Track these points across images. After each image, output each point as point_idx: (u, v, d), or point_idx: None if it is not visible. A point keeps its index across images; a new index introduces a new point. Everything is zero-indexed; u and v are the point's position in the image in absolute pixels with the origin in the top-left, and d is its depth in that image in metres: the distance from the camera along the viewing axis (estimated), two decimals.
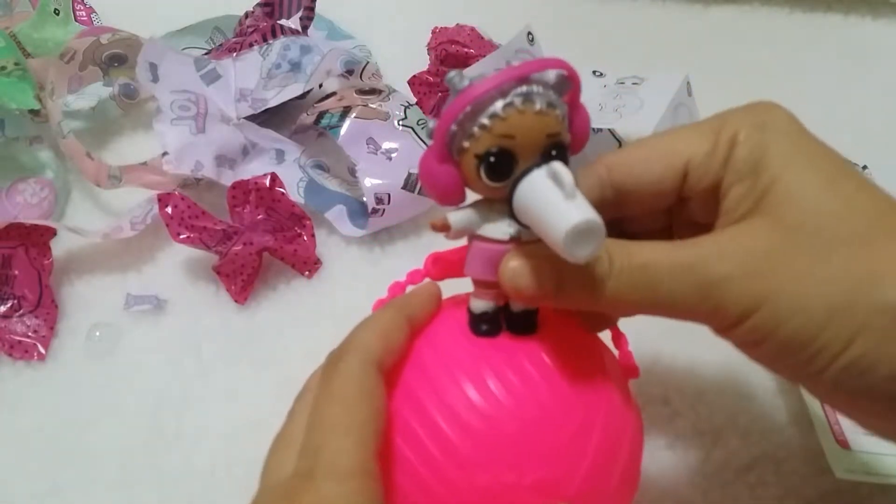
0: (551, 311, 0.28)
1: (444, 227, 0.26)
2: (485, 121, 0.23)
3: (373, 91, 0.50)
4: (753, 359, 0.25)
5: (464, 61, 0.50)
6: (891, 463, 0.35)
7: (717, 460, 0.37)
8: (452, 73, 0.24)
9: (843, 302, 0.23)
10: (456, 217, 0.26)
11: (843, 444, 0.35)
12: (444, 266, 0.30)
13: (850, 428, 0.36)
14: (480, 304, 0.27)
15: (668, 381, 0.39)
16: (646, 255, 0.24)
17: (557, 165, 0.23)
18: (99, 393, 0.41)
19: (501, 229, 0.25)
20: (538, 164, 0.24)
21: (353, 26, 0.60)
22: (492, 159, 0.24)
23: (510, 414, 0.26)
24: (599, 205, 0.26)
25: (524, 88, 0.24)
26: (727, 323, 0.24)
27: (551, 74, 0.24)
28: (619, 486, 0.28)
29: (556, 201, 0.23)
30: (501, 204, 0.25)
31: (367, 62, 0.53)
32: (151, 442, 0.39)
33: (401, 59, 0.56)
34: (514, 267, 0.25)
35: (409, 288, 0.30)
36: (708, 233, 0.26)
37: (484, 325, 0.27)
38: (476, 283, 0.27)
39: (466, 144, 0.24)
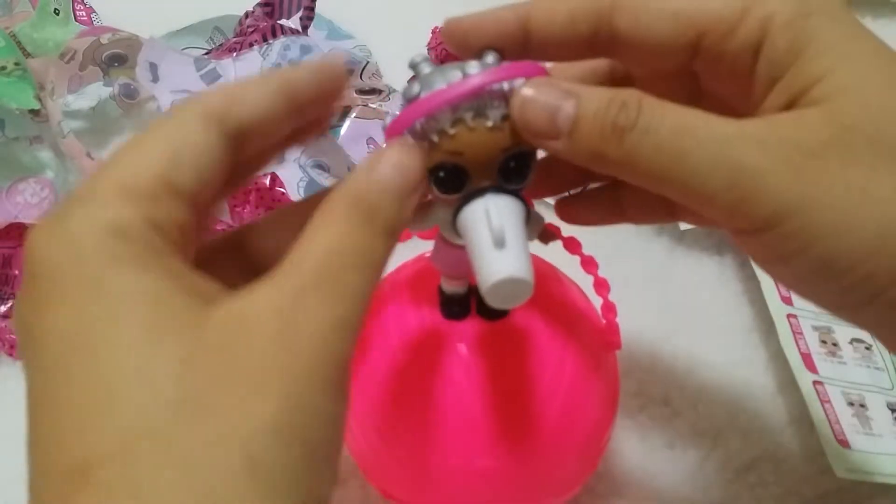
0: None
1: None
2: (433, 137, 0.22)
3: (373, 91, 0.50)
4: (777, 277, 0.22)
5: None
6: (891, 463, 0.35)
7: (717, 460, 0.37)
8: (418, 60, 0.23)
9: None
10: (418, 216, 0.25)
11: (844, 443, 0.35)
12: None
13: (850, 427, 0.36)
14: (451, 286, 0.27)
15: (668, 381, 0.39)
16: (681, 119, 0.20)
17: (491, 204, 0.22)
18: None
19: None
20: (485, 189, 0.22)
21: (353, 26, 0.59)
22: (441, 174, 0.23)
23: (467, 400, 0.27)
24: (588, 41, 0.23)
25: (476, 103, 0.22)
26: (751, 224, 0.20)
27: (506, 86, 0.22)
28: (577, 462, 0.29)
29: (485, 246, 0.21)
30: None
31: (367, 62, 0.53)
32: None
33: (401, 59, 0.56)
34: (527, 97, 0.21)
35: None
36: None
37: (453, 307, 0.28)
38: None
39: None
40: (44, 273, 0.18)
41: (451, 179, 0.23)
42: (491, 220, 0.21)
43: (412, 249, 0.31)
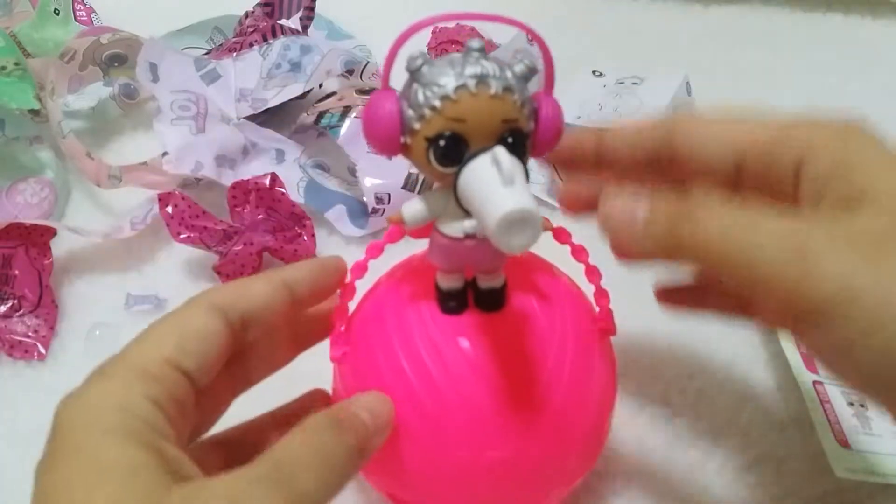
0: (518, 284, 0.29)
1: (400, 221, 0.26)
2: (436, 102, 0.23)
3: (373, 91, 0.50)
4: (841, 373, 0.22)
5: None
6: (891, 463, 0.35)
7: (717, 460, 0.37)
8: (416, 55, 0.24)
9: None
10: (409, 212, 0.25)
11: (844, 443, 0.35)
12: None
13: (850, 427, 0.36)
14: (447, 281, 0.27)
15: (668, 381, 0.39)
16: (745, 207, 0.22)
17: (499, 149, 0.22)
18: None
19: (457, 226, 0.25)
20: (490, 146, 0.23)
21: (353, 26, 0.60)
22: (441, 143, 0.23)
23: (474, 392, 0.27)
24: (650, 158, 0.26)
25: (479, 70, 0.23)
26: (814, 303, 0.20)
27: (517, 66, 0.23)
28: (585, 444, 0.30)
29: (492, 187, 0.22)
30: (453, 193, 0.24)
31: (367, 62, 0.53)
32: None
33: (401, 59, 0.56)
34: (608, 212, 0.24)
35: (388, 247, 0.29)
36: None
37: (451, 302, 0.28)
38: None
39: (417, 126, 0.23)
40: (57, 436, 0.21)
41: (452, 147, 0.23)
42: (500, 163, 0.22)
43: (403, 251, 0.31)
